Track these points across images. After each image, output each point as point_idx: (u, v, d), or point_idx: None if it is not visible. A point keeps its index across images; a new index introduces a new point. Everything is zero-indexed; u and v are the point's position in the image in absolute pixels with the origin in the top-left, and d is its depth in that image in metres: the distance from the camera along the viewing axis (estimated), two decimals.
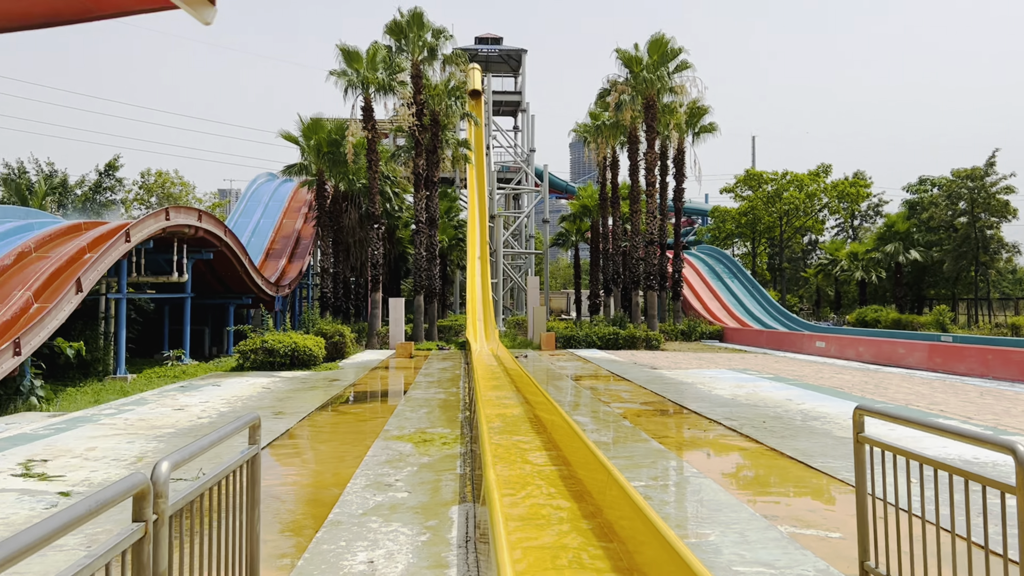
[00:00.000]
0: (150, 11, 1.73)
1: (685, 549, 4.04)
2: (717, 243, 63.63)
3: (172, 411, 12.68)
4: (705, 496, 6.90)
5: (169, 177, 55.58)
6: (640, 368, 21.03)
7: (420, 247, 33.66)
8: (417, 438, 9.97)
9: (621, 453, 8.83)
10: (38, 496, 7.05)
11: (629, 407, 13.09)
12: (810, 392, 15.02)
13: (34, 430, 10.71)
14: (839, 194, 59.68)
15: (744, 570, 4.93)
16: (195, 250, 24.41)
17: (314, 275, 42.66)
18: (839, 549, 5.36)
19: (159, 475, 2.91)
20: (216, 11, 1.77)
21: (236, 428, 4.08)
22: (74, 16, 1.70)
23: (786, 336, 32.66)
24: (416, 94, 33.01)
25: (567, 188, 65.95)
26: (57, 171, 41.81)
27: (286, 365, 20.74)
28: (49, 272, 16.54)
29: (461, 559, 5.19)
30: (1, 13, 1.67)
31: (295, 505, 6.86)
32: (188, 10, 1.71)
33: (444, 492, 7.07)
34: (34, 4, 1.65)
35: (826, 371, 20.74)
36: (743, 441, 9.81)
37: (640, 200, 37.24)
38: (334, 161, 34.37)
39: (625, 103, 35.84)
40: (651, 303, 35.83)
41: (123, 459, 8.70)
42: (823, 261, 57.12)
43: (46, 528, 2.12)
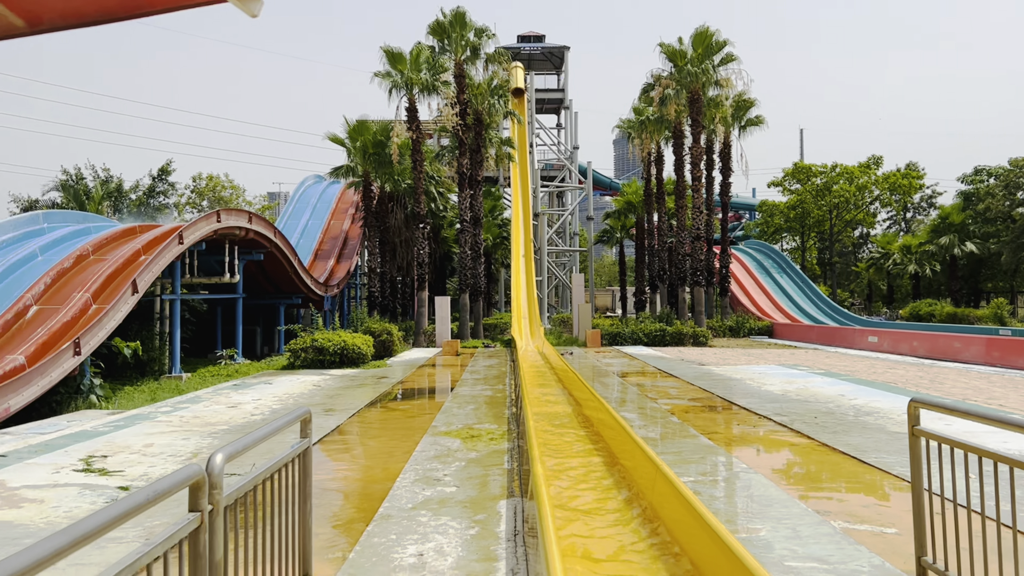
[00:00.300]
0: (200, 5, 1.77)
1: (737, 544, 4.00)
2: (765, 238, 62.72)
3: (226, 408, 12.95)
4: (755, 491, 6.82)
5: (220, 181, 56.73)
6: (687, 364, 20.84)
7: (465, 246, 33.80)
8: (465, 434, 10.02)
9: (669, 449, 8.77)
10: (98, 490, 7.26)
11: (677, 403, 12.98)
12: (863, 387, 14.72)
13: (94, 427, 11.03)
14: (891, 186, 58.36)
15: (797, 565, 4.86)
16: (246, 251, 24.87)
17: (361, 275, 43.15)
18: (895, 545, 5.25)
19: (214, 466, 2.98)
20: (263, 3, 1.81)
21: (288, 422, 4.16)
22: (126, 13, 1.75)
23: (837, 331, 32.06)
24: (459, 93, 33.15)
25: (611, 185, 65.67)
26: (112, 176, 42.98)
27: (336, 363, 21.02)
28: (106, 274, 17.01)
29: (510, 552, 5.21)
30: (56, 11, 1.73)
31: (346, 499, 6.95)
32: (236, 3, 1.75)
33: (492, 487, 7.10)
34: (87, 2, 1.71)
35: (879, 366, 20.31)
36: (794, 437, 9.67)
37: (686, 195, 36.88)
38: (379, 162, 34.71)
39: (669, 97, 35.51)
40: (698, 299, 35.46)
41: (179, 455, 8.91)
42: (875, 255, 55.93)
43: (108, 515, 2.19)
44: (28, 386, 12.86)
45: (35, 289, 16.14)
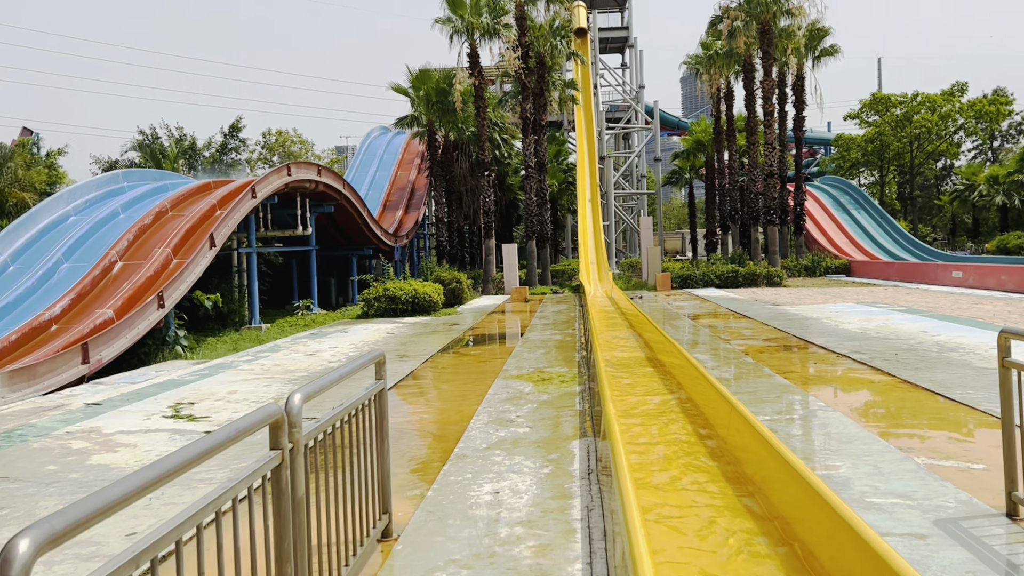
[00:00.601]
0: None
1: (816, 479, 3.93)
2: (841, 173, 60.52)
3: (304, 356, 13.32)
4: (834, 429, 6.69)
5: (289, 136, 57.57)
6: (761, 305, 20.46)
7: (530, 192, 33.63)
8: (536, 377, 10.09)
9: (743, 388, 8.66)
10: (187, 435, 7.58)
11: (751, 344, 12.78)
12: (947, 323, 14.22)
13: (180, 376, 11.50)
14: (976, 114, 55.38)
15: (879, 501, 4.76)
16: (316, 204, 25.29)
17: (429, 225, 43.51)
18: (982, 480, 5.09)
19: (292, 406, 3.06)
20: None
21: (363, 364, 4.24)
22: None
23: (919, 267, 30.95)
24: (521, 36, 32.61)
25: (679, 124, 64.11)
26: (186, 135, 44.07)
27: (407, 311, 21.35)
28: (185, 229, 17.55)
29: (584, 490, 5.25)
30: None
31: (421, 440, 7.10)
32: None
33: (564, 427, 7.14)
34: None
35: (963, 302, 19.57)
36: (873, 374, 9.42)
37: (757, 131, 35.79)
38: (443, 111, 34.61)
39: (739, 30, 34.25)
40: (772, 239, 34.63)
41: (261, 401, 9.23)
42: (959, 187, 53.50)
43: (193, 451, 2.26)
44: (117, 338, 13.45)
45: (119, 245, 16.77)
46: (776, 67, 36.40)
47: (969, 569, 3.74)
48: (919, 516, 4.48)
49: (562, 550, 4.23)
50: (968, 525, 4.32)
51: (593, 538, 4.39)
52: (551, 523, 4.65)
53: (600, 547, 4.26)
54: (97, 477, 6.20)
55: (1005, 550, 4.00)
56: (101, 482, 6.04)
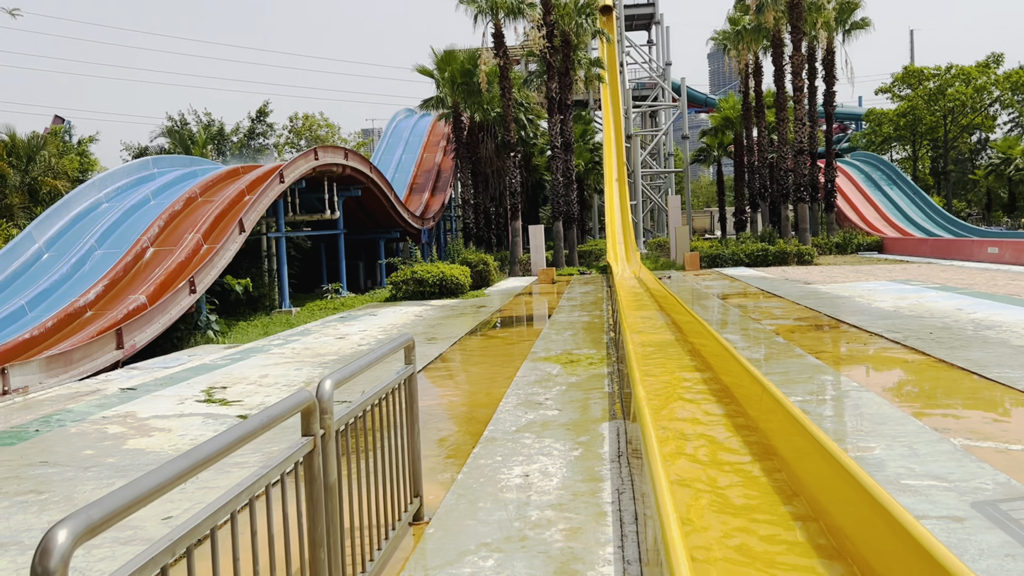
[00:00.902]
0: None
1: (850, 461, 3.88)
2: (873, 148, 59.47)
3: (334, 340, 13.42)
4: (867, 410, 6.61)
5: (315, 120, 57.76)
6: (792, 284, 20.24)
7: (556, 173, 33.46)
8: (564, 359, 10.08)
9: (775, 369, 8.58)
10: (220, 419, 7.68)
11: (781, 323, 12.66)
12: (982, 300, 13.97)
13: (213, 360, 11.64)
14: (1013, 86, 54.02)
15: (914, 483, 4.70)
16: (344, 188, 25.37)
17: (456, 207, 43.49)
18: (1022, 462, 5.00)
19: (324, 392, 3.07)
20: None
21: (392, 349, 4.25)
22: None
23: (953, 243, 30.42)
24: (545, 15, 32.32)
25: (707, 101, 63.32)
26: (214, 120, 44.38)
27: (435, 294, 21.41)
28: (215, 215, 17.71)
29: (614, 473, 5.24)
30: None
31: (451, 423, 7.13)
32: None
33: (593, 410, 7.13)
34: None
35: (1000, 278, 19.20)
36: (908, 353, 9.29)
37: (787, 107, 35.23)
38: (468, 92, 34.47)
39: (767, 4, 33.68)
40: (802, 216, 34.19)
41: (293, 384, 9.32)
42: (994, 161, 52.40)
43: (227, 439, 2.28)
44: (151, 323, 13.64)
45: (150, 232, 16.96)
46: (806, 41, 35.75)
47: (1008, 552, 3.68)
48: (956, 498, 4.42)
49: (593, 533, 4.23)
50: (1007, 507, 4.25)
51: (624, 521, 4.39)
52: (581, 506, 4.65)
53: (631, 530, 4.26)
54: (133, 461, 6.31)
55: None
56: (137, 466, 6.14)
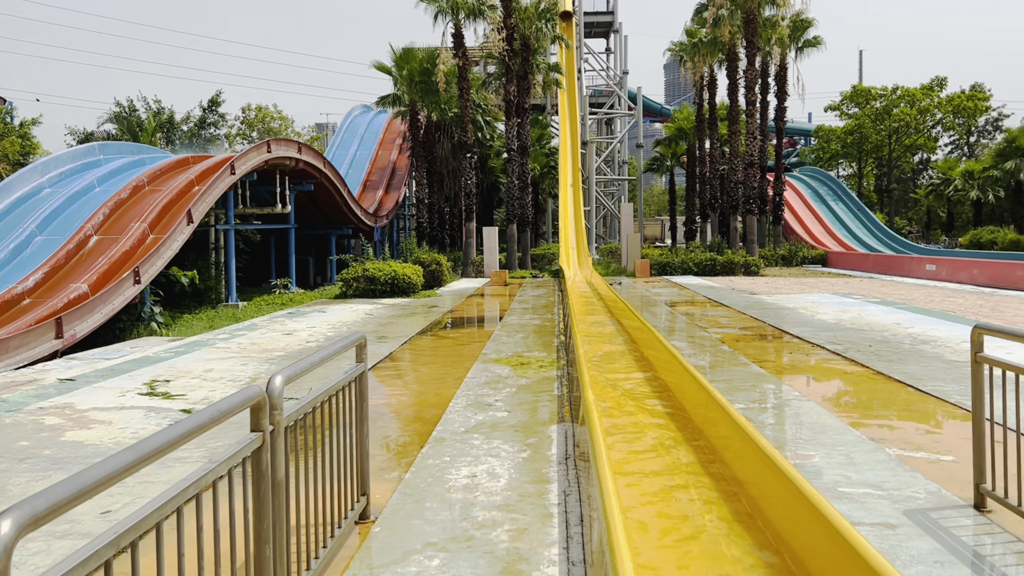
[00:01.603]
0: None
1: (791, 469, 3.99)
2: (821, 164, 60.93)
3: (282, 336, 13.25)
4: (807, 419, 6.78)
5: (269, 112, 56.94)
6: (738, 294, 20.62)
7: (512, 176, 33.56)
8: (515, 361, 10.12)
9: (720, 377, 8.74)
10: (163, 413, 7.53)
11: (727, 332, 12.89)
12: (920, 316, 14.42)
13: (156, 353, 11.40)
14: (954, 109, 55.93)
15: (850, 491, 4.84)
16: (296, 182, 25.07)
17: (410, 205, 43.29)
18: (952, 472, 5.19)
19: (274, 388, 3.05)
20: None
21: (344, 346, 4.23)
22: None
23: (894, 259, 31.31)
24: (506, 18, 32.42)
25: (662, 111, 64.15)
26: (164, 108, 43.43)
27: (386, 293, 21.29)
28: (162, 204, 17.34)
29: (561, 475, 5.29)
30: None
31: (400, 423, 7.11)
32: None
33: (542, 412, 7.18)
34: None
35: (937, 295, 19.83)
36: (848, 365, 9.55)
37: (739, 120, 35.89)
38: (426, 90, 34.37)
39: (723, 18, 34.27)
40: (750, 228, 34.86)
41: (238, 380, 9.18)
42: (935, 181, 54.06)
43: (175, 432, 2.25)
44: (92, 313, 13.30)
45: (94, 219, 16.54)
46: (760, 57, 36.51)
47: (937, 559, 3.82)
48: (889, 506, 4.56)
49: (539, 534, 4.27)
50: (937, 516, 4.41)
51: (570, 523, 4.43)
52: (528, 507, 4.68)
53: (577, 532, 4.30)
54: (71, 454, 6.15)
55: (972, 541, 4.09)
56: (75, 459, 6.00)
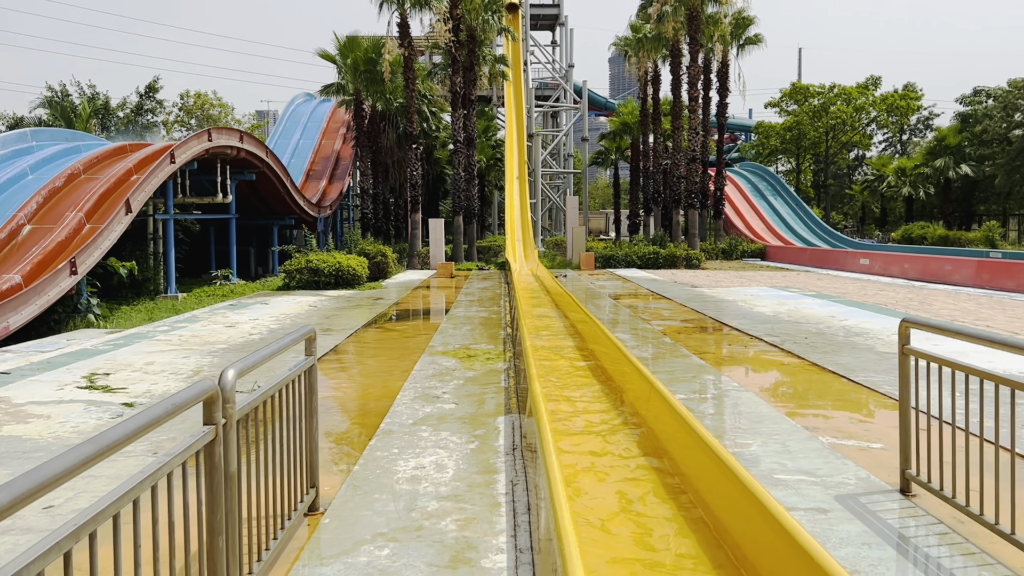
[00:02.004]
0: None
1: (730, 458, 4.15)
2: (761, 159, 62.29)
3: (224, 328, 13.07)
4: (746, 408, 7.01)
5: (208, 99, 55.72)
6: (680, 287, 21.02)
7: (458, 167, 33.54)
8: (462, 354, 10.18)
9: (662, 368, 8.95)
10: (103, 407, 7.40)
11: (669, 324, 13.16)
12: (853, 308, 14.93)
13: (94, 346, 11.15)
14: (888, 107, 57.72)
15: (786, 478, 5.05)
16: (237, 171, 24.65)
17: (354, 196, 42.89)
18: (880, 459, 5.44)
19: (226, 382, 3.07)
20: None
21: (294, 340, 4.24)
22: None
23: (830, 254, 32.24)
24: (452, 9, 32.32)
25: (607, 105, 64.71)
26: (99, 93, 42.15)
27: (331, 284, 21.12)
28: (99, 193, 16.89)
29: (509, 465, 5.39)
30: None
31: (347, 415, 7.12)
32: None
33: (489, 404, 7.27)
34: None
35: (870, 288, 20.52)
36: (784, 356, 9.86)
37: (682, 116, 36.48)
38: (371, 80, 34.08)
39: (667, 14, 34.76)
40: (692, 222, 35.49)
41: (180, 373, 9.06)
42: (869, 177, 55.76)
43: (130, 426, 2.27)
44: (26, 305, 12.93)
45: (27, 208, 16.04)
46: (702, 53, 37.13)
47: (865, 541, 4.03)
48: (822, 492, 4.78)
49: (487, 523, 4.36)
50: (865, 500, 4.63)
51: (517, 512, 4.53)
52: (476, 497, 4.77)
53: (524, 520, 4.41)
54: (10, 448, 6.02)
55: (897, 524, 4.31)
56: (14, 454, 5.88)
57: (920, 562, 3.85)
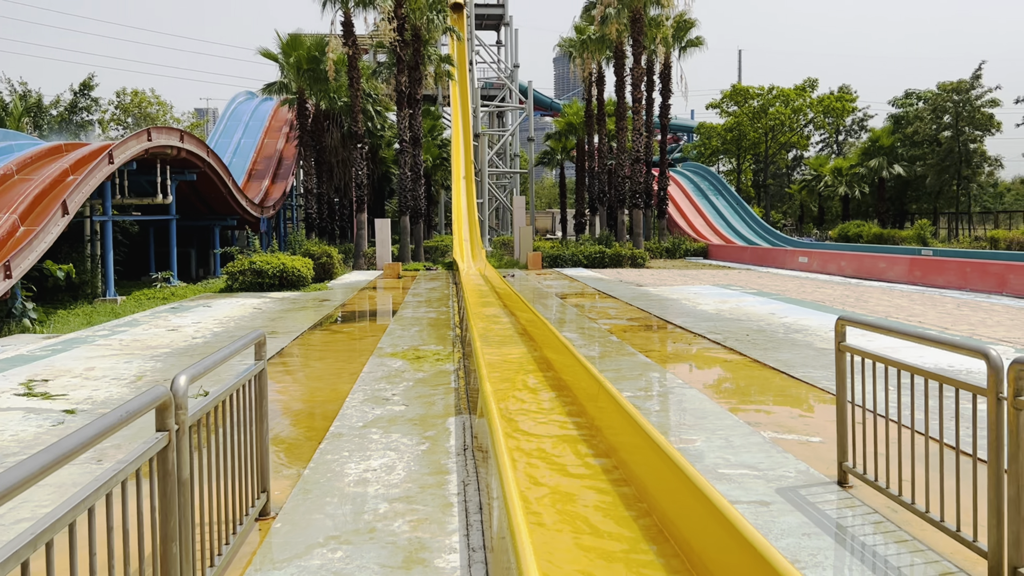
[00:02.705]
0: None
1: (676, 453, 4.27)
2: (703, 160, 63.39)
3: (166, 332, 12.83)
4: (690, 405, 7.18)
5: (146, 97, 54.38)
6: (626, 286, 21.30)
7: (404, 167, 33.39)
8: (411, 355, 10.19)
9: (609, 366, 9.10)
10: (43, 414, 7.23)
11: (616, 323, 13.35)
12: (792, 306, 15.34)
13: (31, 351, 10.85)
14: (824, 109, 59.29)
15: (729, 472, 5.20)
16: (178, 171, 24.14)
17: (298, 196, 42.34)
18: (819, 452, 5.65)
19: (179, 388, 3.06)
20: None
21: (244, 344, 4.23)
22: None
23: (770, 252, 33.00)
24: (397, 8, 32.18)
25: (552, 105, 65.08)
26: (31, 91, 40.78)
27: (275, 286, 20.85)
28: (34, 195, 16.39)
29: (460, 466, 5.44)
30: None
31: (296, 419, 7.09)
32: None
33: (439, 405, 7.31)
34: None
35: (808, 286, 21.09)
36: (727, 353, 10.11)
37: (626, 117, 36.93)
38: (315, 79, 33.70)
39: (611, 16, 35.15)
40: (636, 221, 35.95)
41: (122, 378, 8.88)
42: (807, 177, 57.18)
43: (86, 434, 2.27)
44: None
45: None
46: (645, 55, 37.65)
47: (805, 532, 4.20)
48: (764, 485, 4.94)
49: (439, 524, 4.41)
50: (805, 493, 4.81)
51: (469, 511, 4.59)
52: (428, 498, 4.82)
53: (476, 520, 4.47)
54: None
55: (835, 514, 4.50)
56: None
57: (856, 551, 4.02)
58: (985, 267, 19.99)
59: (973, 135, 47.34)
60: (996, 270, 19.48)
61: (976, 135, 47.41)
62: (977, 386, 3.66)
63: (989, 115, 46.88)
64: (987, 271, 19.78)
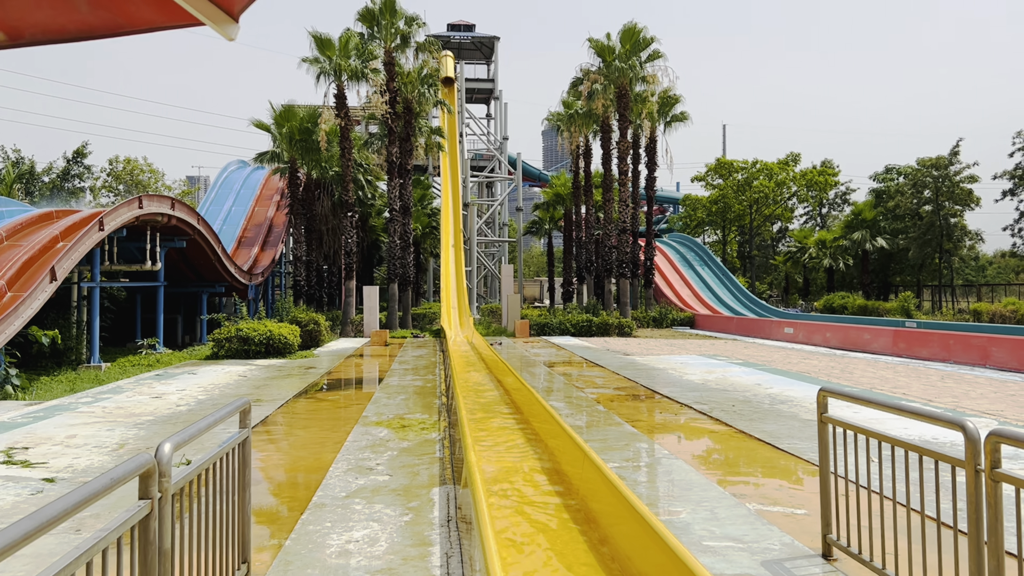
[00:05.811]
0: (178, 27, 1.85)
1: (661, 525, 4.27)
2: (688, 231, 64.26)
3: (150, 399, 12.73)
4: (676, 476, 7.16)
5: (138, 164, 54.93)
6: (613, 355, 21.34)
7: (394, 235, 33.67)
8: (396, 424, 10.14)
9: (595, 436, 9.08)
10: (22, 482, 7.13)
11: (603, 392, 13.35)
12: (778, 377, 15.40)
13: (12, 418, 10.73)
14: (808, 183, 60.51)
15: (714, 544, 5.18)
16: (168, 238, 24.28)
17: (287, 263, 42.52)
18: (804, 524, 5.63)
19: (163, 455, 3.07)
20: (239, 28, 1.91)
21: (229, 412, 4.24)
22: (107, 31, 1.82)
23: (755, 322, 33.19)
24: (389, 81, 32.94)
25: (540, 176, 66.13)
26: (24, 158, 41.16)
27: (261, 353, 20.77)
28: (22, 261, 16.43)
29: (443, 538, 5.39)
30: (38, 27, 1.79)
31: (279, 489, 7.01)
32: (213, 27, 1.84)
33: (424, 475, 7.26)
34: (70, 20, 1.77)
35: (794, 356, 21.19)
36: (713, 424, 10.11)
37: (613, 188, 37.54)
38: (306, 148, 34.24)
39: (597, 92, 36.05)
40: (623, 290, 36.19)
41: (104, 446, 8.78)
42: (792, 249, 57.95)
43: (70, 501, 2.28)
44: None
45: None
46: (631, 129, 38.53)
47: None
48: (748, 558, 4.92)
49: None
50: (790, 565, 4.79)
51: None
52: (411, 570, 4.76)
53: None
54: None
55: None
56: None
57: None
58: (968, 340, 20.17)
59: (953, 209, 48.30)
60: (979, 343, 19.67)
61: (956, 209, 48.37)
62: (956, 458, 3.70)
63: (968, 190, 47.93)
64: (970, 343, 19.96)
